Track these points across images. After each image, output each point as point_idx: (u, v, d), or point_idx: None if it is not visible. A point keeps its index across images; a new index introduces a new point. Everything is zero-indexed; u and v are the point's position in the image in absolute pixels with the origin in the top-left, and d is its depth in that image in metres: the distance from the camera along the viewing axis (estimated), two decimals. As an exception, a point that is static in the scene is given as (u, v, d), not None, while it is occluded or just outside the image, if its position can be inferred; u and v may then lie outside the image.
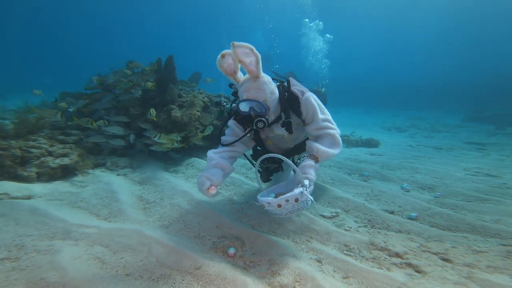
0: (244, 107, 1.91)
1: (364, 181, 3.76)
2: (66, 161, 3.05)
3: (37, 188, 2.78)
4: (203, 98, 4.38)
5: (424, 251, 1.93)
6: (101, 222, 2.30)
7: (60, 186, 2.92)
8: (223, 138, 2.27)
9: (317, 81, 6.14)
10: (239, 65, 1.87)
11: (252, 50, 1.71)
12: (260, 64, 1.80)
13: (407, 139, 8.93)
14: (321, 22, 10.02)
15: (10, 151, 2.81)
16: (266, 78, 1.94)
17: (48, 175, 2.95)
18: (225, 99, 5.03)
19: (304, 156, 2.06)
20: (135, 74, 4.32)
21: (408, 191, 3.39)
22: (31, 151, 2.95)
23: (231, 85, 2.23)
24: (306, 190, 1.70)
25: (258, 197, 1.80)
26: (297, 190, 1.66)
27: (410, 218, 2.56)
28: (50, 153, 3.06)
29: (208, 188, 1.90)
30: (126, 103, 4.04)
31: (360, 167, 4.43)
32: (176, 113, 3.73)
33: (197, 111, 3.93)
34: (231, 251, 1.90)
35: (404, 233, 2.26)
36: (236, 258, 1.86)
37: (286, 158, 1.76)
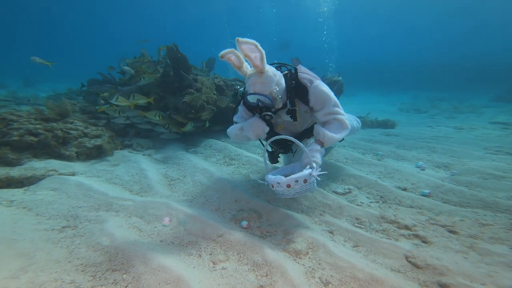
0: (251, 99, 2.02)
1: (378, 160, 3.81)
2: (99, 141, 3.37)
3: (78, 166, 3.13)
4: (219, 82, 4.50)
5: (432, 223, 2.04)
6: (135, 196, 2.59)
7: (96, 164, 3.25)
8: (235, 119, 2.47)
9: (331, 69, 6.07)
10: (244, 59, 1.91)
11: (256, 46, 1.76)
12: (265, 59, 1.85)
13: (427, 120, 8.64)
14: None
15: (53, 132, 3.14)
16: (271, 71, 1.99)
17: (85, 155, 3.29)
18: (240, 83, 5.13)
19: (311, 141, 2.19)
20: (149, 62, 4.51)
21: (424, 170, 3.43)
22: (70, 133, 3.28)
23: None
24: (314, 172, 1.82)
25: (267, 176, 1.94)
26: (307, 171, 1.78)
27: (423, 195, 2.64)
28: (85, 135, 3.39)
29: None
30: (148, 88, 4.26)
31: (375, 147, 4.46)
32: (187, 97, 3.91)
33: (214, 94, 4.07)
34: (244, 224, 2.10)
35: (415, 208, 2.36)
36: (254, 228, 2.07)
37: (295, 139, 1.87)
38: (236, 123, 2.43)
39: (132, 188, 2.77)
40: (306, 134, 2.57)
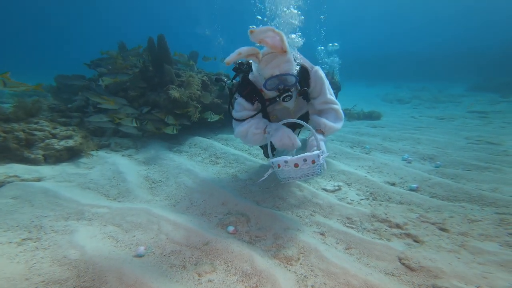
0: (271, 83, 1.89)
1: (366, 153, 3.79)
2: (70, 143, 3.08)
3: (46, 170, 2.84)
4: (202, 77, 4.28)
5: (423, 221, 2.01)
6: (111, 202, 2.39)
7: (67, 167, 2.98)
8: (236, 114, 2.23)
9: (328, 69, 5.90)
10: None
11: (273, 31, 1.66)
12: (285, 39, 1.75)
13: (410, 111, 8.84)
14: None
15: (13, 134, 2.82)
16: (289, 48, 1.89)
17: (55, 157, 3.00)
18: (224, 77, 4.92)
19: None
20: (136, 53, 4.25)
21: (410, 162, 3.44)
22: (35, 134, 2.96)
23: None
24: (322, 155, 1.74)
25: (272, 160, 1.80)
26: (316, 152, 1.71)
27: (411, 189, 2.63)
28: (54, 136, 3.07)
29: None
30: (131, 83, 3.98)
31: (362, 140, 4.44)
32: (175, 93, 3.66)
33: (197, 90, 3.85)
34: (230, 229, 1.98)
35: (405, 204, 2.33)
36: (242, 233, 1.96)
37: (305, 123, 1.85)
38: (237, 119, 2.18)
39: (108, 193, 2.55)
40: (299, 124, 2.50)
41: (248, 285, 1.47)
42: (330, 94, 2.19)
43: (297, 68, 2.06)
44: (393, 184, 2.76)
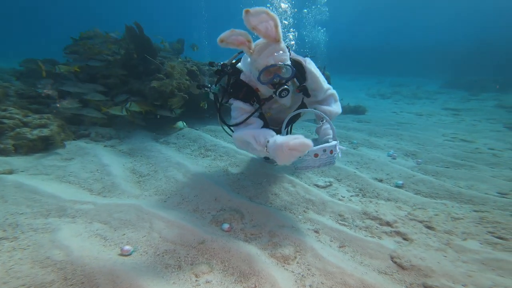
0: (266, 75, 1.79)
1: (354, 148, 3.88)
2: (45, 132, 2.80)
3: (17, 161, 2.59)
4: (191, 66, 4.05)
5: (411, 219, 2.10)
6: (96, 197, 2.24)
7: (43, 159, 2.73)
8: (237, 121, 2.00)
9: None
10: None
11: (267, 13, 1.55)
12: (280, 26, 1.65)
13: (391, 106, 9.16)
14: None
15: (-22, 122, 2.52)
16: (282, 37, 1.82)
17: (27, 147, 2.73)
18: (211, 68, 4.66)
19: (321, 121, 2.08)
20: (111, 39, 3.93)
21: (395, 158, 3.58)
22: (3, 122, 2.66)
23: (212, 63, 2.08)
24: (338, 145, 1.79)
25: None
26: (334, 142, 1.77)
27: (397, 186, 2.74)
28: (25, 124, 2.78)
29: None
30: (109, 71, 3.69)
31: (350, 134, 4.54)
32: (154, 83, 3.46)
33: (186, 80, 3.65)
34: (225, 226, 1.95)
35: (392, 201, 2.43)
36: (237, 231, 1.93)
37: (317, 111, 1.90)
38: (237, 124, 1.97)
39: (92, 187, 2.39)
40: (292, 120, 2.46)
41: (246, 286, 1.47)
42: (325, 81, 2.22)
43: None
44: (380, 181, 2.86)
